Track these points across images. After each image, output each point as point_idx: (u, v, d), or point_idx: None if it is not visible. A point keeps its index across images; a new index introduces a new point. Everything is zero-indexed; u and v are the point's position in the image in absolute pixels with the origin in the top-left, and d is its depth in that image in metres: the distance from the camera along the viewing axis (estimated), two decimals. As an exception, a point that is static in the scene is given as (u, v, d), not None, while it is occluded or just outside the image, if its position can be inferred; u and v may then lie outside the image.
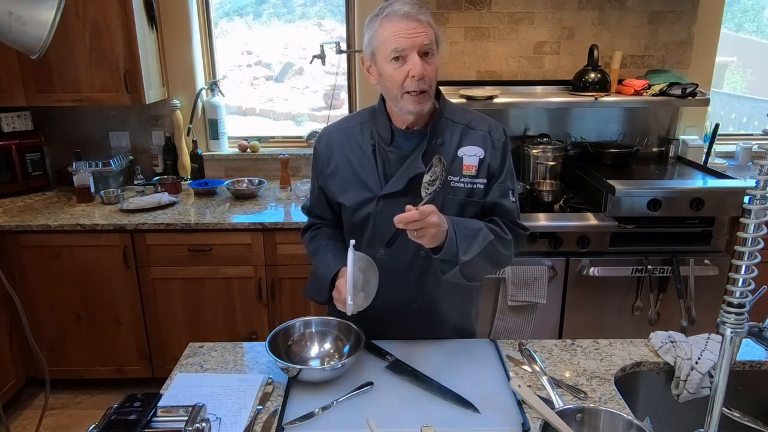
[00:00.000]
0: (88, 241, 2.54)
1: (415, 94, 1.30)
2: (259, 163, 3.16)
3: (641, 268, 2.44)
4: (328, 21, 3.47)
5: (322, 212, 1.57)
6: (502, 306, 2.47)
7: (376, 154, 1.42)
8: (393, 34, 1.27)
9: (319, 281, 1.44)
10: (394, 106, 1.36)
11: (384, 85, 1.34)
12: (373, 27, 1.31)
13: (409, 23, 1.26)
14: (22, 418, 2.65)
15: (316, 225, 1.59)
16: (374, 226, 1.42)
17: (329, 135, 1.49)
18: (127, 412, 0.99)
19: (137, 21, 2.67)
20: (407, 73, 1.28)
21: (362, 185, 1.42)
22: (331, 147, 1.47)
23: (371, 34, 1.32)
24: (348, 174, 1.44)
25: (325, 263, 1.44)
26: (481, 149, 1.41)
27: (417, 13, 1.27)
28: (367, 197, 1.41)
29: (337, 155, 1.45)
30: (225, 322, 2.67)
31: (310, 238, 1.57)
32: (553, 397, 1.26)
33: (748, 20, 4.15)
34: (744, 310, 0.97)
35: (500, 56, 2.93)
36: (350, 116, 1.54)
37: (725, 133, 3.27)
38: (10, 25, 1.32)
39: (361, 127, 1.45)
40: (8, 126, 2.86)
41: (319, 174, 1.50)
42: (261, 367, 1.41)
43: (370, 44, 1.33)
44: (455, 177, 1.40)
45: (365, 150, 1.43)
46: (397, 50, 1.27)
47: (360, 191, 1.42)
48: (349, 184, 1.44)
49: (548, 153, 2.77)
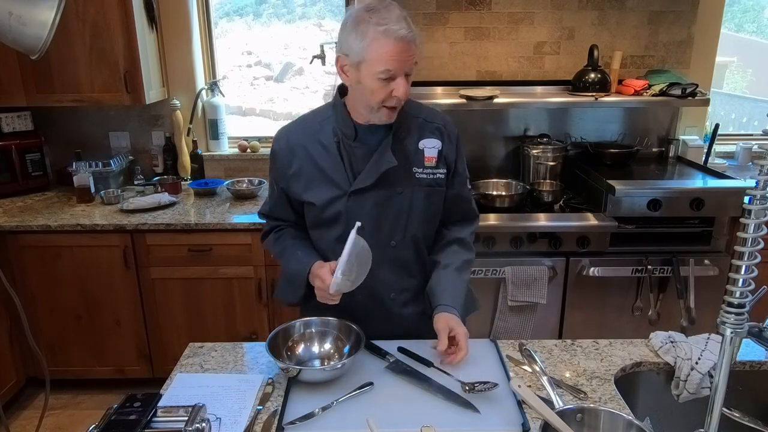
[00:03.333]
0: (88, 241, 2.54)
1: (392, 108, 1.35)
2: (259, 163, 3.16)
3: (641, 268, 2.44)
4: (328, 21, 3.47)
5: (284, 214, 1.55)
6: (502, 306, 2.47)
7: (341, 150, 1.42)
8: (387, 54, 1.26)
9: (292, 279, 1.47)
10: (367, 113, 1.37)
11: (361, 93, 1.34)
12: (365, 36, 1.26)
13: (404, 46, 1.26)
14: (22, 418, 2.65)
15: (278, 227, 1.56)
16: (346, 222, 1.42)
17: (288, 135, 1.46)
18: (127, 412, 0.99)
19: (137, 21, 2.67)
20: (391, 92, 1.30)
21: (330, 182, 1.42)
22: (292, 147, 1.44)
23: (363, 43, 1.27)
24: (313, 172, 1.43)
25: (296, 260, 1.46)
26: (438, 141, 1.48)
27: (413, 37, 1.27)
28: (337, 194, 1.42)
29: (299, 154, 1.43)
30: (225, 323, 2.67)
31: (274, 240, 1.55)
32: (553, 397, 1.26)
33: (748, 20, 4.15)
34: (744, 310, 0.96)
35: (500, 56, 2.93)
36: (307, 114, 1.51)
37: (725, 133, 3.27)
38: (10, 25, 1.32)
39: (321, 125, 1.44)
40: (8, 126, 2.86)
41: (280, 175, 1.47)
42: (261, 368, 1.40)
43: (358, 52, 1.28)
44: (419, 168, 1.45)
45: (329, 147, 1.42)
46: (389, 72, 1.28)
47: (328, 188, 1.42)
48: (315, 183, 1.43)
49: (548, 153, 2.77)
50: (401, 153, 1.43)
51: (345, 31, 1.31)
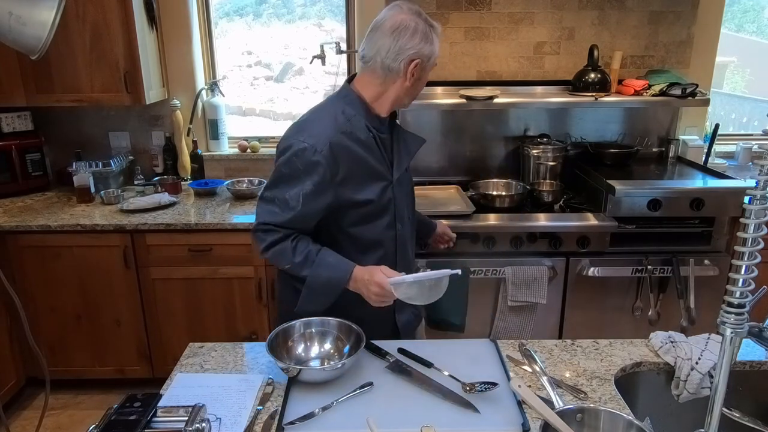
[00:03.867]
0: (88, 241, 2.54)
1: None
2: (259, 163, 3.16)
3: (641, 268, 2.44)
4: (328, 21, 3.47)
5: (305, 226, 1.48)
6: (502, 306, 2.47)
7: (378, 142, 1.51)
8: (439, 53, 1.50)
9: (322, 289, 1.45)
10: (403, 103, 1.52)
11: (415, 89, 1.51)
12: (433, 41, 1.46)
13: None
14: (22, 419, 2.65)
15: (292, 235, 1.46)
16: (394, 207, 1.55)
17: (330, 141, 1.41)
18: (127, 412, 0.99)
19: (137, 21, 2.67)
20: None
21: (377, 176, 1.51)
22: (335, 152, 1.41)
23: (432, 48, 1.46)
24: (364, 171, 1.48)
25: (328, 267, 1.44)
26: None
27: None
28: (385, 184, 1.52)
29: (344, 158, 1.43)
30: (225, 323, 2.67)
31: (292, 248, 1.44)
32: (553, 397, 1.26)
33: (748, 20, 4.15)
34: (744, 311, 0.96)
35: (500, 56, 2.93)
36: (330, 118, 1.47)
37: (725, 133, 3.27)
38: (10, 26, 1.32)
39: (351, 123, 1.46)
40: (8, 126, 2.86)
41: (324, 186, 1.42)
42: (261, 368, 1.41)
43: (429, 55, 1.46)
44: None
45: (368, 143, 1.48)
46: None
47: (378, 182, 1.51)
48: (366, 180, 1.49)
49: (548, 153, 2.78)
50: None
51: (415, 39, 1.43)
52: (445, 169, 3.01)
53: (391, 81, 1.46)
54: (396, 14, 1.42)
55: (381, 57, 1.43)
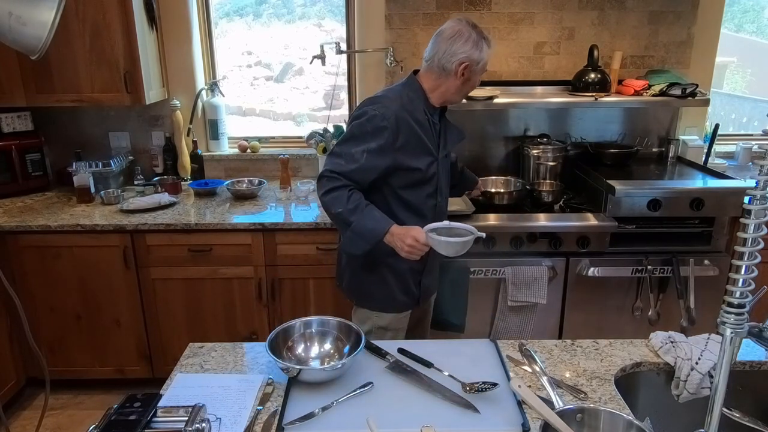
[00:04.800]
0: (88, 241, 2.54)
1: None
2: (259, 163, 3.16)
3: (641, 268, 2.44)
4: (328, 21, 3.47)
5: (363, 179, 1.71)
6: (502, 306, 2.47)
7: (431, 124, 1.79)
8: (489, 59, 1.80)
9: (365, 235, 1.67)
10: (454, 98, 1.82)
11: (465, 88, 1.80)
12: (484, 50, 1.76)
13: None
14: (22, 419, 2.65)
15: (348, 186, 1.69)
16: (437, 181, 1.83)
17: (396, 113, 1.70)
18: (127, 412, 0.99)
19: (137, 21, 2.67)
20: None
21: (428, 151, 1.78)
22: (398, 122, 1.70)
23: (483, 54, 1.75)
24: (418, 143, 1.75)
25: (373, 219, 1.67)
26: None
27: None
28: (432, 159, 1.80)
29: (404, 129, 1.71)
30: (225, 323, 2.67)
31: (347, 197, 1.67)
32: (553, 398, 1.26)
33: (748, 21, 4.15)
34: (744, 311, 0.97)
35: (500, 56, 2.93)
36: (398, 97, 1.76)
37: (725, 134, 3.27)
38: (10, 26, 1.32)
39: (413, 104, 1.76)
40: (8, 126, 2.86)
41: (386, 149, 1.69)
42: (261, 368, 1.41)
43: (480, 62, 1.76)
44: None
45: (423, 123, 1.77)
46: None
47: (428, 155, 1.78)
48: (419, 151, 1.76)
49: (548, 153, 2.78)
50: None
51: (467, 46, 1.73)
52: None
53: (444, 78, 1.76)
54: (455, 25, 1.76)
55: (438, 57, 1.74)
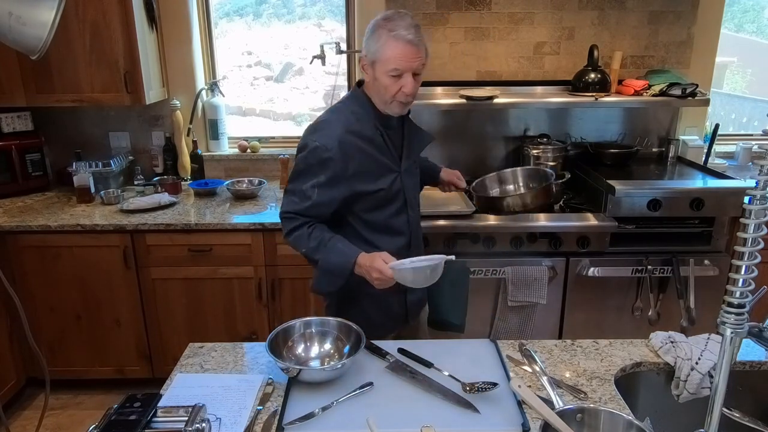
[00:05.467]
0: (88, 241, 2.54)
1: (402, 103, 1.57)
2: (259, 163, 3.16)
3: (641, 268, 2.44)
4: (328, 21, 3.47)
5: (320, 213, 1.61)
6: (502, 306, 2.47)
7: (385, 139, 1.64)
8: (396, 55, 1.49)
9: (333, 271, 1.57)
10: (382, 106, 1.60)
11: (378, 89, 1.57)
12: (380, 39, 1.50)
13: (411, 49, 1.49)
14: (22, 419, 2.65)
15: (309, 223, 1.60)
16: (404, 195, 1.70)
17: (339, 140, 1.55)
18: (127, 412, 0.99)
19: (137, 21, 2.67)
20: (400, 89, 1.53)
21: (386, 168, 1.64)
22: (345, 149, 1.55)
23: (377, 46, 1.51)
24: (373, 166, 1.61)
25: (337, 253, 1.56)
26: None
27: (419, 42, 1.50)
28: (395, 175, 1.66)
29: (353, 154, 1.57)
30: (225, 323, 2.67)
31: (307, 235, 1.59)
32: (553, 398, 1.26)
33: (748, 21, 4.15)
34: (744, 311, 0.96)
35: (500, 56, 2.93)
36: (341, 119, 1.61)
37: (725, 134, 3.27)
38: (10, 26, 1.32)
39: (360, 123, 1.60)
40: (8, 126, 2.86)
41: (337, 179, 1.56)
42: (261, 368, 1.41)
43: (374, 53, 1.52)
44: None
45: (376, 140, 1.61)
46: (397, 70, 1.50)
47: (388, 174, 1.65)
48: (377, 173, 1.63)
49: (548, 153, 2.78)
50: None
51: (366, 36, 1.55)
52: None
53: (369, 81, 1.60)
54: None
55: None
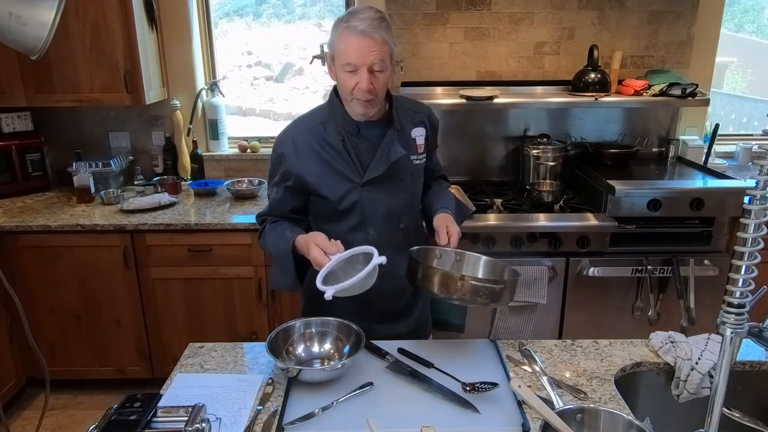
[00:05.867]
0: (88, 241, 2.54)
1: (362, 102, 1.45)
2: (259, 163, 3.16)
3: (641, 268, 2.44)
4: (328, 21, 3.48)
5: (283, 211, 1.60)
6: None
7: (347, 147, 1.52)
8: (348, 48, 1.40)
9: (280, 260, 1.52)
10: (345, 105, 1.50)
11: (339, 87, 1.49)
12: (335, 33, 1.43)
13: (364, 41, 1.38)
14: (22, 419, 2.65)
15: (272, 220, 1.60)
16: (362, 211, 1.55)
17: (292, 138, 1.54)
18: (127, 412, 0.99)
19: (137, 21, 2.67)
20: (356, 84, 1.42)
21: (342, 177, 1.52)
22: (298, 148, 1.52)
23: (332, 40, 1.44)
24: (323, 170, 1.52)
25: (283, 239, 1.51)
26: (424, 129, 1.65)
27: (373, 32, 1.38)
28: (350, 187, 1.53)
29: (307, 154, 1.52)
30: (225, 323, 2.67)
31: (269, 230, 1.58)
32: (553, 398, 1.26)
33: (748, 21, 4.16)
34: (744, 311, 0.96)
35: (500, 56, 2.93)
36: (306, 116, 1.60)
37: (725, 134, 3.27)
38: (10, 26, 1.32)
39: (324, 126, 1.53)
40: (8, 126, 2.86)
41: (288, 173, 1.53)
42: (261, 368, 1.41)
43: (331, 48, 1.46)
44: (414, 156, 1.61)
45: (335, 145, 1.52)
46: (350, 65, 1.41)
47: (341, 183, 1.53)
48: (327, 178, 1.53)
49: (548, 153, 2.77)
50: (402, 144, 1.55)
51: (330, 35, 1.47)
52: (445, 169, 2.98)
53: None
54: None
55: None
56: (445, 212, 1.61)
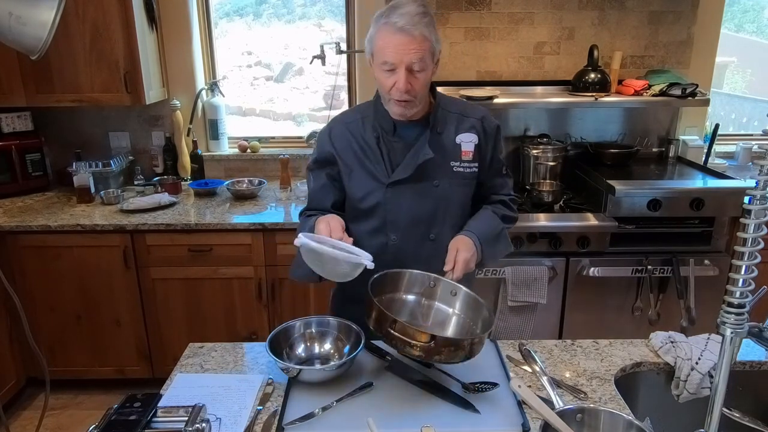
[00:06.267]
0: (88, 241, 2.54)
1: (399, 102, 1.38)
2: (259, 163, 3.16)
3: (641, 268, 2.44)
4: (328, 21, 3.47)
5: (322, 202, 1.54)
6: (502, 306, 2.47)
7: (381, 145, 1.47)
8: (386, 46, 1.32)
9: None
10: (384, 104, 1.44)
11: (377, 85, 1.43)
12: (374, 29, 1.36)
13: (403, 38, 1.30)
14: (22, 419, 2.65)
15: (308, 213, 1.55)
16: (384, 213, 1.48)
17: (331, 129, 1.53)
18: (127, 412, 0.99)
19: (137, 21, 2.67)
20: (394, 84, 1.35)
21: (369, 175, 1.48)
22: (335, 139, 1.50)
23: (371, 36, 1.37)
24: (354, 165, 1.49)
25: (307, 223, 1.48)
26: (475, 136, 1.52)
27: (412, 28, 1.30)
28: (375, 186, 1.47)
29: (342, 147, 1.50)
30: (225, 323, 2.67)
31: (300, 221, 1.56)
32: (553, 398, 1.26)
33: (748, 20, 4.16)
34: (744, 311, 0.96)
35: (500, 56, 2.93)
36: (351, 111, 1.58)
37: (725, 134, 3.27)
38: (10, 26, 1.32)
39: (363, 121, 1.50)
40: (8, 126, 2.86)
41: (326, 163, 1.52)
42: (261, 368, 1.41)
43: (369, 45, 1.39)
44: (456, 162, 1.49)
45: (369, 142, 1.48)
46: (388, 63, 1.34)
47: (367, 180, 1.48)
48: (356, 174, 1.49)
49: (548, 153, 2.78)
50: (438, 147, 1.47)
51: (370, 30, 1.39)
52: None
53: None
54: None
55: None
56: (468, 235, 1.45)
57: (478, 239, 1.45)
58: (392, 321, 1.16)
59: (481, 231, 1.48)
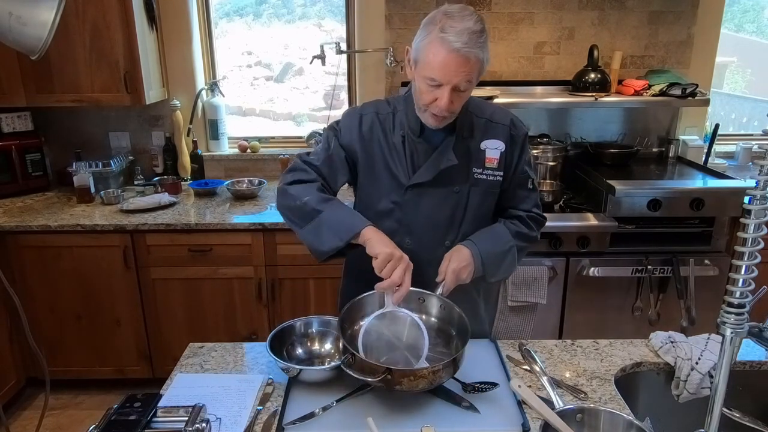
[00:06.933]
0: (88, 241, 2.54)
1: (436, 116, 1.33)
2: (259, 163, 3.16)
3: (641, 268, 2.44)
4: (328, 21, 3.47)
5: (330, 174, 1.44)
6: (502, 306, 2.46)
7: (405, 145, 1.42)
8: (434, 62, 1.25)
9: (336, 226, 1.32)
10: (417, 111, 1.39)
11: (415, 91, 1.36)
12: (427, 37, 1.26)
13: (456, 59, 1.23)
14: (22, 419, 2.65)
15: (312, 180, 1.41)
16: (401, 215, 1.44)
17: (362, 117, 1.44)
18: (127, 412, 0.99)
19: (137, 21, 2.67)
20: (435, 100, 1.29)
21: (390, 174, 1.43)
22: (362, 125, 1.43)
23: (422, 43, 1.28)
24: (377, 160, 1.43)
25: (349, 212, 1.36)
26: (502, 143, 1.45)
27: (469, 52, 1.22)
28: (394, 185, 1.43)
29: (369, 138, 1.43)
30: (225, 323, 2.67)
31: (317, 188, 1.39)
32: (553, 398, 1.26)
33: (748, 20, 4.16)
34: (744, 311, 0.96)
35: (500, 56, 2.93)
36: (383, 102, 1.49)
37: (725, 134, 3.27)
38: (10, 26, 1.32)
39: (394, 116, 1.44)
40: (8, 126, 2.86)
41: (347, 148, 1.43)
42: (261, 368, 1.41)
43: (418, 50, 1.30)
44: (478, 169, 1.44)
45: (395, 141, 1.43)
46: (434, 81, 1.27)
47: (387, 179, 1.43)
48: (376, 171, 1.44)
49: (548, 153, 2.77)
50: (462, 152, 1.42)
51: (420, 26, 1.30)
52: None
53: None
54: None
55: None
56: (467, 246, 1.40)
57: (478, 251, 1.40)
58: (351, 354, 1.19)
59: (484, 243, 1.42)
